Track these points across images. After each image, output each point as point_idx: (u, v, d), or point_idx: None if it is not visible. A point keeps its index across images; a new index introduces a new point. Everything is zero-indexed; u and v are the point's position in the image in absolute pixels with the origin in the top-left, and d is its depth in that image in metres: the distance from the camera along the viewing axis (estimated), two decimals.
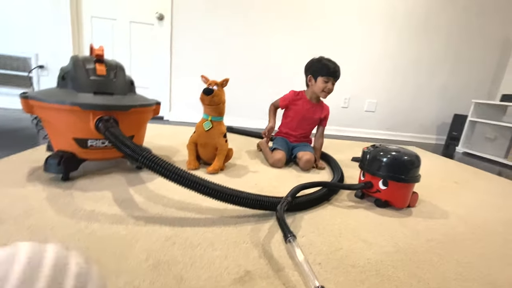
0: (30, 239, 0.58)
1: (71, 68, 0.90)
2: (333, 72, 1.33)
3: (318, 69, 1.35)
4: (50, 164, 0.85)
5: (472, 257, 0.71)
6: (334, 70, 1.33)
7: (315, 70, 1.36)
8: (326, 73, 1.32)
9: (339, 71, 1.35)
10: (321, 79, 1.33)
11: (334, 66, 1.34)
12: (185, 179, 0.69)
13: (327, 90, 1.34)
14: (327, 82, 1.33)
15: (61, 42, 2.20)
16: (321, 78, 1.33)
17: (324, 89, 1.34)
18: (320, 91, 1.36)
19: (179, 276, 0.52)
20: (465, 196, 1.20)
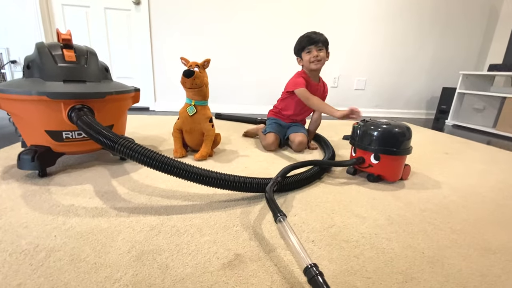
0: (1, 240, 0.54)
1: (36, 56, 0.83)
2: (309, 40, 1.26)
3: (298, 47, 1.31)
4: (23, 160, 0.80)
5: (465, 224, 0.70)
6: (310, 38, 1.26)
7: (297, 49, 1.32)
8: (304, 45, 1.27)
9: (316, 36, 1.26)
10: (304, 53, 1.29)
11: (309, 34, 1.27)
12: (168, 166, 0.65)
13: (313, 58, 1.26)
14: (309, 52, 1.27)
15: (32, 34, 2.07)
16: (303, 53, 1.29)
17: (310, 60, 1.26)
18: (309, 64, 1.27)
19: (164, 265, 0.49)
20: (456, 166, 1.19)
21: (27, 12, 2.03)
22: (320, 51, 1.26)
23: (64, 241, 0.55)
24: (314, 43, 1.25)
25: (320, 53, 1.26)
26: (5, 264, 0.48)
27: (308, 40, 1.26)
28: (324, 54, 1.27)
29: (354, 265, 0.52)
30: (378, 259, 0.54)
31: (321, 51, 1.26)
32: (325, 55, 1.28)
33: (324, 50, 1.27)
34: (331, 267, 0.51)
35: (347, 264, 0.52)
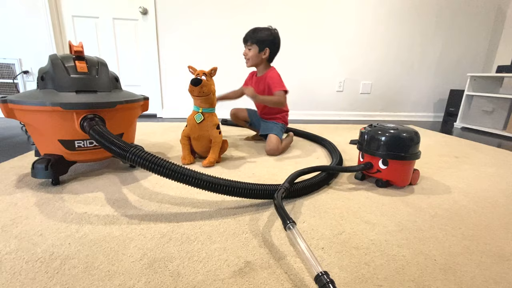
0: (18, 248, 0.55)
1: (50, 68, 0.86)
2: (243, 38, 1.34)
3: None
4: (37, 169, 0.82)
5: (477, 229, 0.69)
6: (244, 36, 1.34)
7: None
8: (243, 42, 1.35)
9: (248, 34, 1.32)
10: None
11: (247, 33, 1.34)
12: (177, 173, 0.66)
13: (244, 57, 1.36)
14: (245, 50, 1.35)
15: (43, 45, 2.14)
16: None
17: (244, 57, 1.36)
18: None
19: (175, 273, 0.50)
20: (466, 170, 1.18)
21: (38, 23, 2.09)
22: (249, 50, 1.33)
23: (78, 248, 0.56)
24: (244, 41, 1.34)
25: (248, 52, 1.33)
26: (22, 272, 0.49)
27: (244, 38, 1.34)
28: (253, 52, 1.32)
29: (365, 272, 0.52)
30: (389, 266, 0.54)
31: (250, 51, 1.32)
32: (254, 53, 1.32)
33: (255, 48, 1.32)
34: (341, 275, 0.51)
35: (358, 272, 0.52)
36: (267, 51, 1.33)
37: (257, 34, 1.31)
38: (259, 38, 1.31)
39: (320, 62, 2.54)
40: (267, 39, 1.32)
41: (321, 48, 2.50)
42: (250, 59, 1.34)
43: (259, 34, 1.31)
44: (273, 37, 1.34)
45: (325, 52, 2.52)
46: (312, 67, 2.54)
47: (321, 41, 2.48)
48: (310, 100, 2.63)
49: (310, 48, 2.48)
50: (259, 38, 1.31)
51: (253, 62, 1.35)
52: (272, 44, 1.34)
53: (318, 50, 2.50)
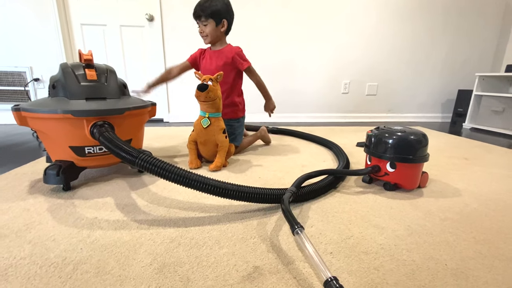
0: (32, 253, 0.57)
1: (61, 76, 0.88)
2: (194, 14, 1.19)
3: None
4: (49, 175, 0.84)
5: (489, 233, 0.68)
6: (194, 11, 1.19)
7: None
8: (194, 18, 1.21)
9: (199, 8, 1.17)
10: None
11: (196, 6, 1.19)
12: (186, 178, 0.67)
13: (201, 35, 1.23)
14: (198, 27, 1.23)
15: (53, 52, 2.19)
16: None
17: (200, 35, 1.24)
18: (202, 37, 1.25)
19: (185, 278, 0.50)
20: (476, 172, 1.16)
21: (49, 32, 2.15)
22: (205, 26, 1.19)
23: (90, 253, 0.57)
24: (197, 17, 1.19)
25: (205, 29, 1.20)
26: (36, 277, 0.50)
27: (193, 13, 1.19)
28: (210, 27, 1.19)
29: (374, 277, 0.51)
30: (399, 271, 0.53)
31: (206, 26, 1.19)
32: (212, 28, 1.19)
33: (211, 22, 1.18)
34: (351, 280, 0.51)
35: (368, 277, 0.51)
36: (225, 23, 1.21)
37: (211, 6, 1.16)
38: (214, 11, 1.17)
39: (325, 64, 2.54)
40: (222, 9, 1.18)
41: (325, 49, 2.50)
42: (208, 35, 1.21)
43: (213, 5, 1.16)
44: (227, 6, 1.21)
45: (329, 54, 2.51)
46: (317, 70, 2.54)
47: (325, 43, 2.48)
48: (315, 102, 2.63)
49: (315, 50, 2.48)
50: (214, 10, 1.17)
51: (212, 38, 1.23)
52: (228, 14, 1.22)
53: (322, 52, 2.50)
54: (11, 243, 0.60)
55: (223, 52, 1.26)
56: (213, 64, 1.26)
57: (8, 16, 2.07)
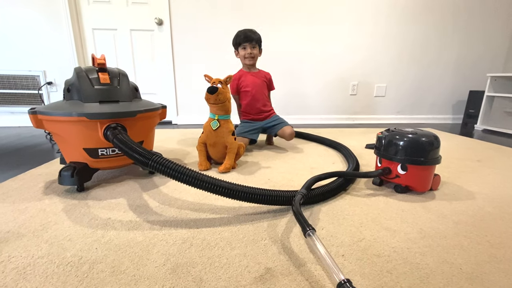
0: (49, 253, 0.58)
1: (75, 80, 0.90)
2: (245, 38, 1.44)
3: (235, 41, 1.49)
4: (63, 177, 0.86)
5: (504, 237, 0.67)
6: (246, 36, 1.43)
7: (235, 43, 1.50)
8: (240, 41, 1.46)
9: (251, 35, 1.44)
10: (240, 49, 1.48)
11: (245, 32, 1.44)
12: (197, 180, 0.68)
13: (248, 55, 1.46)
14: (245, 48, 1.46)
15: (66, 56, 2.25)
16: (240, 48, 1.48)
17: (245, 56, 1.47)
18: (244, 59, 1.49)
19: (198, 278, 0.51)
20: (490, 174, 1.14)
21: (62, 37, 2.21)
22: (253, 48, 1.46)
23: (105, 253, 0.58)
24: (249, 41, 1.45)
25: (253, 51, 1.47)
26: (54, 276, 0.51)
27: (245, 37, 1.44)
28: (257, 51, 1.49)
29: (387, 281, 0.51)
30: (413, 275, 0.53)
31: (254, 49, 1.47)
32: (258, 52, 1.50)
33: (257, 47, 1.48)
34: (364, 283, 0.50)
35: (381, 280, 0.51)
36: (261, 51, 1.54)
37: (257, 35, 1.47)
38: (259, 39, 1.48)
39: (332, 65, 2.53)
40: (261, 40, 1.50)
41: (333, 51, 2.49)
42: (255, 57, 1.49)
43: (258, 35, 1.47)
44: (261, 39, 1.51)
45: (337, 56, 2.51)
46: (324, 71, 2.53)
47: (333, 44, 2.47)
48: (323, 104, 2.62)
49: (322, 51, 2.48)
50: (258, 38, 1.47)
51: (256, 60, 1.52)
52: (261, 46, 1.53)
53: (330, 53, 2.49)
54: (28, 243, 0.62)
55: (262, 73, 1.58)
56: (259, 80, 1.54)
57: (23, 22, 2.14)
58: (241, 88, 1.52)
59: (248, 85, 1.51)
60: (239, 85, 1.51)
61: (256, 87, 1.51)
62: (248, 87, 1.51)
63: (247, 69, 1.54)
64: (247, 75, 1.52)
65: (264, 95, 1.55)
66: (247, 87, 1.51)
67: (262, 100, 1.54)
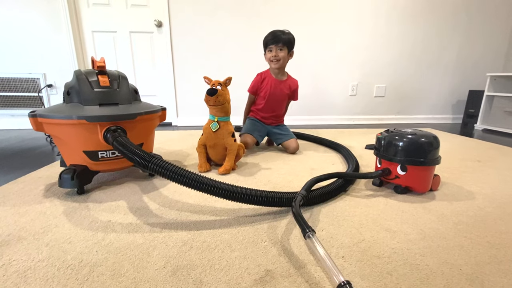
0: (49, 256, 0.58)
1: (75, 83, 0.91)
2: (272, 39, 1.32)
3: (263, 44, 1.38)
4: (64, 179, 0.86)
5: (504, 237, 0.67)
6: (273, 36, 1.31)
7: (264, 45, 1.39)
8: (267, 43, 1.34)
9: (279, 36, 1.31)
10: (267, 51, 1.37)
11: (274, 32, 1.33)
12: (197, 182, 0.68)
13: (272, 58, 1.34)
14: (271, 50, 1.34)
15: (66, 59, 2.25)
16: (267, 50, 1.37)
17: (270, 59, 1.35)
18: (270, 62, 1.38)
19: (198, 280, 0.51)
20: (490, 174, 1.13)
21: (61, 39, 2.21)
22: (280, 51, 1.33)
23: (105, 256, 0.58)
24: (275, 42, 1.32)
25: (279, 53, 1.32)
26: (54, 279, 0.52)
27: (272, 38, 1.32)
28: (284, 54, 1.33)
29: (387, 282, 0.51)
30: (413, 276, 0.53)
31: (282, 51, 1.33)
32: (286, 55, 1.34)
33: (285, 50, 1.33)
34: (364, 284, 0.50)
35: (381, 281, 0.51)
36: (292, 54, 1.38)
37: (286, 35, 1.32)
38: (289, 40, 1.33)
39: (332, 66, 2.53)
40: (293, 42, 1.35)
41: (332, 52, 2.49)
42: (281, 60, 1.34)
43: (288, 35, 1.33)
44: (294, 41, 1.37)
45: (336, 56, 2.51)
46: (324, 72, 2.53)
47: (332, 45, 2.48)
48: (323, 105, 2.62)
49: (322, 52, 2.48)
50: (289, 39, 1.33)
51: (283, 64, 1.37)
52: (293, 48, 1.38)
53: (329, 54, 2.50)
54: (29, 246, 0.62)
55: (288, 84, 1.45)
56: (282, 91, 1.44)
57: (22, 25, 2.14)
58: (259, 92, 1.43)
59: (267, 92, 1.40)
60: (259, 88, 1.42)
61: (274, 98, 1.41)
62: (266, 93, 1.40)
63: (274, 74, 1.42)
64: (271, 81, 1.41)
65: (280, 107, 1.47)
66: (265, 93, 1.40)
67: (275, 112, 1.47)
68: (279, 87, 1.42)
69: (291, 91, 1.46)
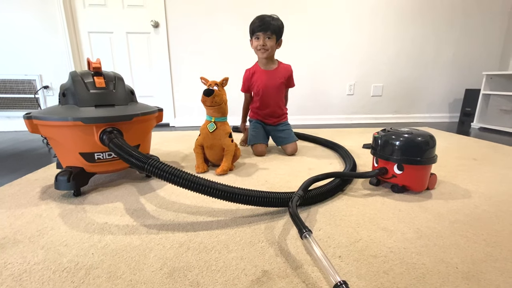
0: (45, 259, 0.58)
1: (70, 84, 0.90)
2: (259, 26, 1.21)
3: (250, 30, 1.28)
4: (60, 181, 0.86)
5: (500, 235, 0.67)
6: (261, 23, 1.21)
7: (250, 32, 1.28)
8: (254, 29, 1.24)
9: (267, 22, 1.20)
10: (253, 38, 1.27)
11: (262, 17, 1.22)
12: (194, 183, 0.67)
13: (260, 47, 1.25)
14: (258, 38, 1.25)
15: (62, 60, 2.24)
16: (253, 37, 1.27)
17: (257, 47, 1.26)
18: (257, 51, 1.28)
19: (195, 282, 0.51)
20: (486, 172, 1.14)
21: (57, 41, 2.20)
22: (268, 39, 1.23)
23: (101, 258, 0.58)
24: (263, 30, 1.22)
25: (267, 42, 1.23)
26: (50, 282, 0.51)
27: (260, 25, 1.22)
28: (272, 43, 1.24)
29: (384, 281, 0.51)
30: (409, 275, 0.53)
31: (270, 40, 1.23)
32: (274, 44, 1.25)
33: (273, 38, 1.24)
34: (360, 284, 0.50)
35: (377, 281, 0.51)
36: (280, 43, 1.29)
37: (276, 22, 1.23)
38: (278, 28, 1.24)
39: (329, 65, 2.53)
40: (282, 30, 1.26)
41: (330, 51, 2.50)
42: (270, 49, 1.26)
43: (277, 22, 1.23)
44: (283, 29, 1.28)
45: (334, 56, 2.51)
46: (322, 71, 2.54)
47: (329, 45, 2.48)
48: (321, 104, 2.62)
49: (319, 51, 2.48)
50: (278, 27, 1.24)
51: (271, 53, 1.28)
52: (281, 36, 1.29)
53: (327, 54, 2.50)
54: (24, 249, 0.62)
55: (280, 71, 1.35)
56: (275, 81, 1.34)
57: (18, 26, 2.13)
58: (252, 88, 1.36)
59: (259, 86, 1.31)
60: (250, 84, 1.35)
61: (268, 90, 1.33)
62: (259, 88, 1.32)
63: (262, 64, 1.33)
64: (261, 74, 1.32)
65: (277, 99, 1.38)
66: (258, 88, 1.32)
67: (273, 105, 1.37)
68: (271, 78, 1.33)
69: (285, 79, 1.36)
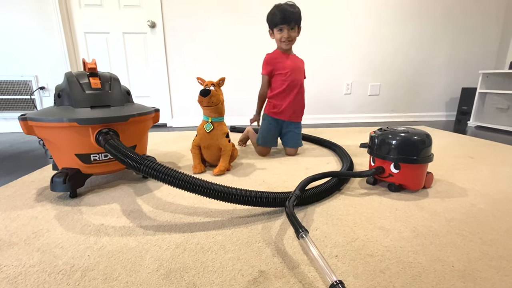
0: (41, 261, 0.58)
1: (66, 85, 0.90)
2: (282, 18, 1.19)
3: (270, 21, 1.26)
4: (56, 183, 0.85)
5: (496, 234, 0.67)
6: (284, 15, 1.19)
7: (269, 22, 1.27)
8: (277, 22, 1.22)
9: (291, 14, 1.19)
10: (276, 31, 1.25)
11: (284, 9, 1.20)
12: (190, 184, 0.67)
13: (284, 39, 1.24)
14: (281, 30, 1.23)
15: (58, 61, 2.23)
16: (276, 29, 1.25)
17: (281, 39, 1.25)
18: (280, 43, 1.27)
19: (191, 283, 0.51)
20: (483, 171, 1.15)
21: (53, 41, 2.19)
22: (292, 30, 1.23)
23: (97, 260, 0.58)
24: (287, 22, 1.21)
25: (292, 34, 1.24)
26: (45, 284, 0.51)
27: (282, 18, 1.20)
28: (295, 34, 1.25)
29: (380, 281, 0.51)
30: (405, 274, 0.53)
31: (293, 31, 1.24)
32: (296, 34, 1.26)
33: (296, 28, 1.24)
34: (356, 283, 0.50)
35: (373, 280, 0.51)
36: (300, 30, 1.28)
37: (296, 10, 1.21)
38: (299, 16, 1.22)
39: (326, 65, 2.54)
40: (301, 15, 1.24)
41: (327, 51, 2.50)
42: (293, 40, 1.27)
43: (298, 10, 1.22)
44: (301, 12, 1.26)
45: (331, 55, 2.52)
46: (318, 71, 2.54)
47: (327, 45, 2.48)
48: (318, 104, 2.63)
49: (315, 51, 2.49)
50: (299, 15, 1.22)
51: (293, 43, 1.29)
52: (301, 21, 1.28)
53: (324, 54, 2.50)
54: (20, 251, 0.61)
55: (299, 60, 1.36)
56: (301, 67, 1.34)
57: (14, 26, 2.11)
58: (276, 71, 1.29)
59: (287, 67, 1.26)
60: (274, 67, 1.29)
61: (296, 71, 1.28)
62: (286, 69, 1.26)
63: (284, 51, 1.32)
64: (285, 58, 1.29)
65: (303, 82, 1.33)
66: (285, 69, 1.26)
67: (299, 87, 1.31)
68: (295, 63, 1.32)
69: (302, 66, 1.36)
